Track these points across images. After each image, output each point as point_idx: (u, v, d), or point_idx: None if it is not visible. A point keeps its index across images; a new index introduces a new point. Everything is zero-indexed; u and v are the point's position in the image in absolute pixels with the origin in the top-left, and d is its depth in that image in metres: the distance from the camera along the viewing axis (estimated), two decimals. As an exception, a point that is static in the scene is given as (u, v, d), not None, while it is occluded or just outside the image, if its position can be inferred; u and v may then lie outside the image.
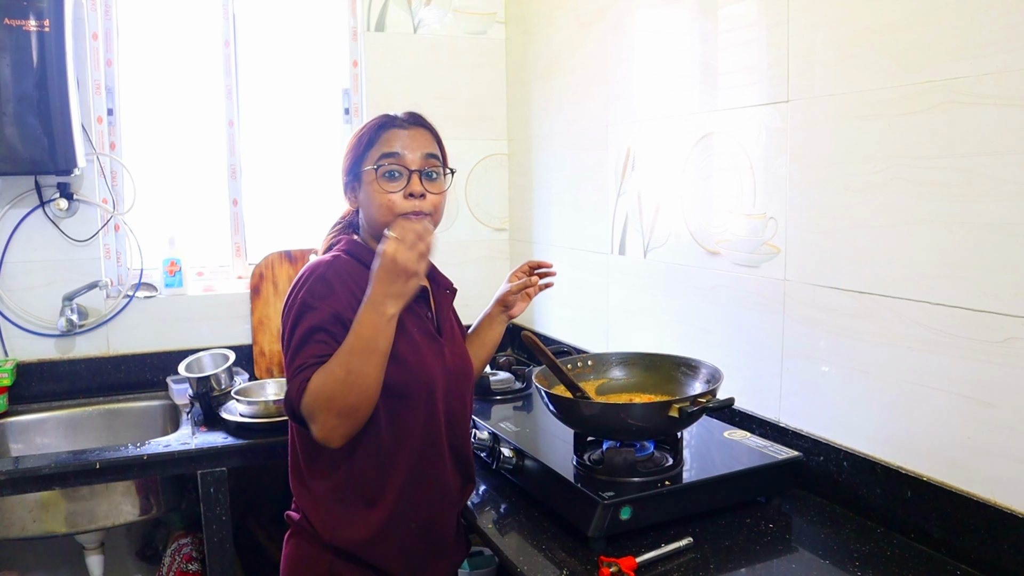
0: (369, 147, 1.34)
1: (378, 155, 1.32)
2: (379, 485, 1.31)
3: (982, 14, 1.15)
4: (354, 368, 1.17)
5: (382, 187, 1.31)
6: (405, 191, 1.31)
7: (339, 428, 1.20)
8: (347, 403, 1.18)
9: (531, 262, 1.59)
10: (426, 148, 1.35)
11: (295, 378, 1.21)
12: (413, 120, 1.37)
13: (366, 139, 1.35)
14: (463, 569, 1.97)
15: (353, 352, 1.18)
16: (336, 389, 1.17)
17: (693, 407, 1.36)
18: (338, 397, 1.17)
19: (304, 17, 2.64)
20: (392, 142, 1.33)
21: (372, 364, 1.18)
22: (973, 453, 1.21)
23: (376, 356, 1.19)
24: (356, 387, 1.18)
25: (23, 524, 1.88)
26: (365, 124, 1.39)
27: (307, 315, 1.25)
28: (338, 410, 1.18)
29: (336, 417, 1.18)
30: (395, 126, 1.35)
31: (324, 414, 1.18)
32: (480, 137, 2.74)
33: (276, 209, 2.66)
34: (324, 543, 1.31)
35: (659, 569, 1.24)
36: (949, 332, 1.23)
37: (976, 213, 1.18)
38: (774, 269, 1.58)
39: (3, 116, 2.02)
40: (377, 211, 1.32)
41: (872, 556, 1.26)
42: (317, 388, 1.18)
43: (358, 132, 1.39)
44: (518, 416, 1.87)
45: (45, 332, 2.29)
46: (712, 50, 1.73)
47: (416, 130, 1.36)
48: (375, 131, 1.35)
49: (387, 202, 1.31)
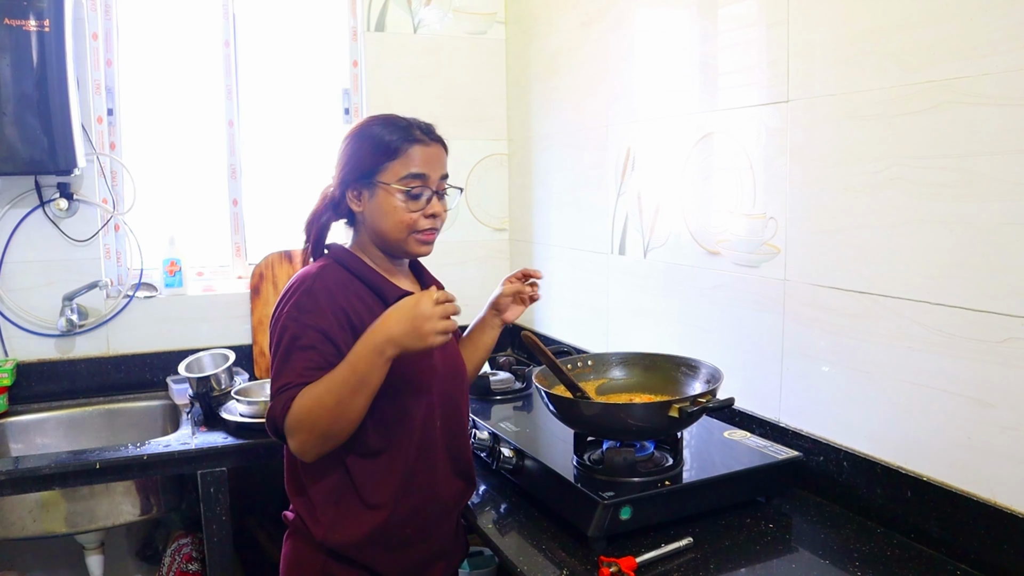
0: (390, 156, 1.30)
1: (404, 172, 1.30)
2: (373, 489, 1.31)
3: (982, 14, 1.15)
4: (344, 400, 1.19)
5: (406, 206, 1.31)
6: (424, 211, 1.32)
7: (316, 448, 1.23)
8: (331, 430, 1.21)
9: (524, 270, 1.57)
10: (443, 169, 1.37)
11: (279, 396, 1.23)
12: (434, 137, 1.36)
13: (386, 147, 1.31)
14: (463, 569, 1.97)
15: (346, 384, 1.19)
16: (322, 416, 1.19)
17: (693, 407, 1.36)
18: (322, 423, 1.20)
19: (304, 17, 2.64)
20: (420, 161, 1.31)
21: (362, 397, 1.20)
22: (973, 453, 1.21)
23: (367, 390, 1.20)
24: (343, 417, 1.20)
25: (23, 524, 1.88)
26: (377, 124, 1.34)
27: (291, 330, 1.25)
28: (320, 433, 1.21)
29: (317, 439, 1.21)
30: (421, 143, 1.32)
31: (305, 434, 1.21)
32: (480, 137, 2.74)
33: (276, 209, 2.65)
34: (319, 543, 1.31)
35: (659, 569, 1.24)
36: (949, 332, 1.23)
37: (976, 213, 1.18)
38: (774, 269, 1.58)
39: (3, 116, 2.02)
40: (393, 226, 1.32)
41: (872, 556, 1.26)
42: (303, 411, 1.20)
43: (371, 132, 1.33)
44: (518, 416, 1.87)
45: (45, 332, 2.29)
46: (712, 50, 1.73)
47: (437, 148, 1.36)
48: (400, 141, 1.31)
49: (409, 220, 1.31)
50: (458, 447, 1.42)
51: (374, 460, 1.31)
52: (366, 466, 1.30)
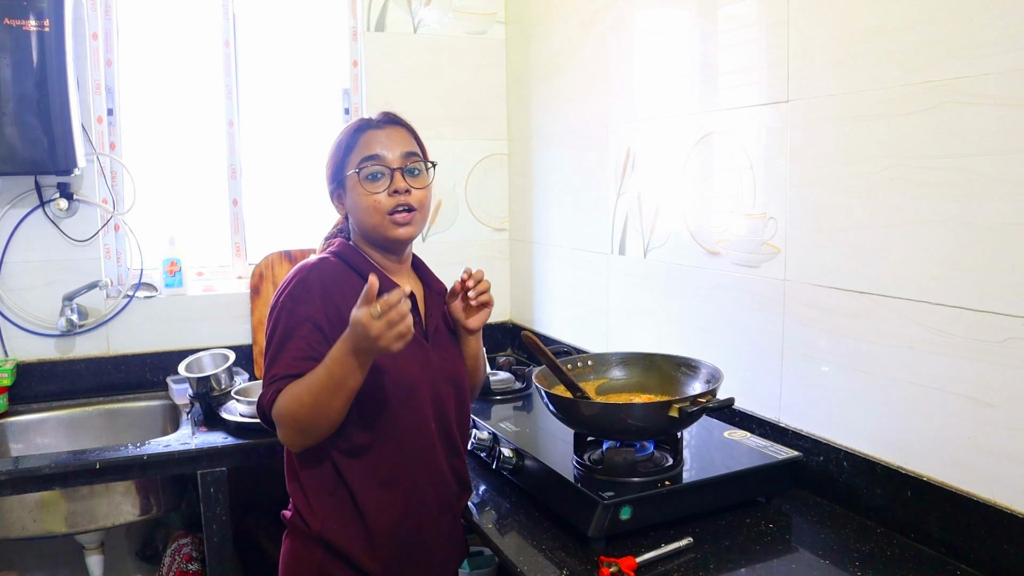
0: (348, 152, 1.36)
1: (359, 159, 1.34)
2: (361, 486, 1.32)
3: (982, 14, 1.15)
4: (321, 400, 1.22)
5: (366, 189, 1.33)
6: (388, 189, 1.33)
7: (299, 440, 1.28)
8: (310, 425, 1.24)
9: (462, 277, 1.42)
10: (405, 147, 1.36)
11: (269, 386, 1.28)
12: (388, 120, 1.39)
13: (344, 144, 1.37)
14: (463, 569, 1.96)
15: (323, 387, 1.21)
16: (300, 412, 1.23)
17: (693, 407, 1.36)
18: (301, 418, 1.24)
19: (304, 17, 2.64)
20: (371, 144, 1.35)
21: (339, 399, 1.22)
22: (973, 453, 1.21)
23: (344, 392, 1.22)
24: (320, 416, 1.23)
25: (23, 524, 1.88)
26: (341, 131, 1.41)
27: (284, 320, 1.29)
28: (300, 428, 1.25)
29: (297, 432, 1.26)
30: (371, 128, 1.37)
31: (287, 428, 1.26)
32: (480, 137, 2.74)
33: (276, 209, 2.65)
34: (315, 537, 1.32)
35: (659, 569, 1.24)
36: (949, 332, 1.23)
37: (976, 213, 1.18)
38: (774, 269, 1.58)
39: (3, 116, 2.02)
40: (364, 213, 1.34)
41: (872, 556, 1.26)
42: (284, 405, 1.25)
43: (336, 139, 1.40)
44: (518, 416, 1.87)
45: (45, 332, 2.29)
46: (712, 50, 1.73)
47: (392, 129, 1.37)
48: (352, 135, 1.37)
49: (373, 203, 1.33)
50: (454, 447, 1.42)
51: (360, 458, 1.32)
52: (353, 463, 1.32)
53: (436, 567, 1.42)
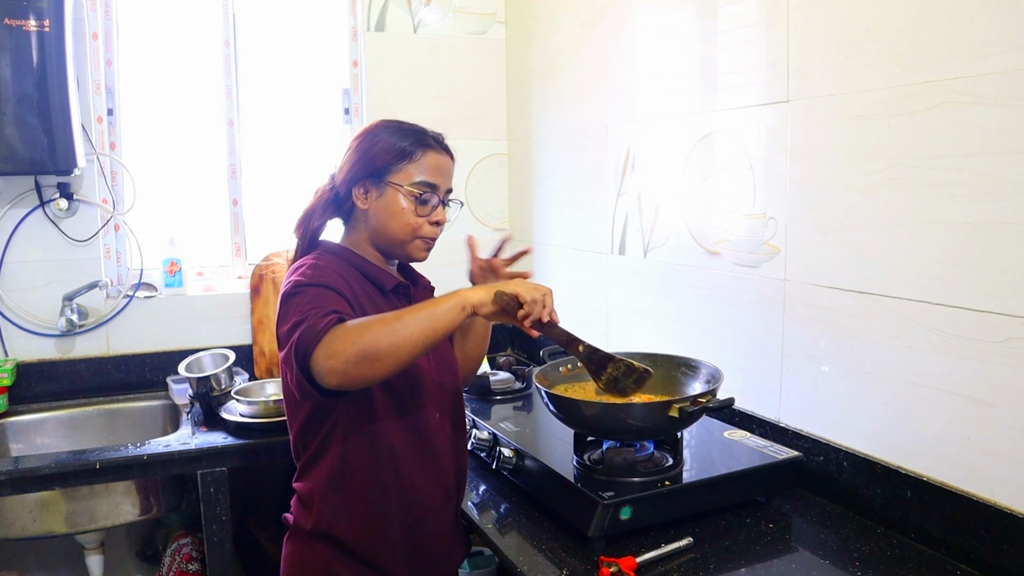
0: (404, 159, 1.33)
1: (418, 176, 1.33)
2: (371, 478, 1.32)
3: (982, 14, 1.15)
4: (407, 320, 1.13)
5: (415, 209, 1.34)
6: (430, 218, 1.35)
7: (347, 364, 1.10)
8: (376, 346, 1.10)
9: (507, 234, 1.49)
10: (450, 181, 1.40)
11: (324, 318, 1.14)
12: (446, 147, 1.40)
13: (400, 149, 1.33)
14: (463, 569, 1.96)
15: (413, 311, 1.15)
16: (375, 327, 1.12)
17: (693, 407, 1.36)
18: (371, 334, 1.11)
19: (304, 17, 2.64)
20: (436, 171, 1.35)
21: (423, 326, 1.13)
22: (973, 453, 1.21)
23: (432, 323, 1.14)
24: (395, 336, 1.11)
25: (23, 524, 1.88)
26: (393, 126, 1.37)
27: (307, 288, 1.22)
28: (365, 344, 1.10)
29: (355, 353, 1.10)
30: (434, 149, 1.36)
31: (345, 343, 1.10)
32: (480, 137, 2.74)
33: (276, 209, 2.65)
34: (322, 535, 1.32)
35: (659, 569, 1.24)
36: (949, 332, 1.23)
37: (976, 213, 1.18)
38: (774, 269, 1.58)
39: (3, 116, 2.02)
40: (398, 226, 1.35)
41: (872, 556, 1.26)
42: (356, 322, 1.13)
43: (388, 135, 1.35)
44: (518, 416, 1.87)
45: (45, 332, 2.29)
46: (712, 50, 1.73)
47: (448, 159, 1.39)
48: (414, 144, 1.34)
49: (414, 223, 1.34)
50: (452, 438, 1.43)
51: (368, 452, 1.31)
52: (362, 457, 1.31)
53: (440, 561, 1.42)
